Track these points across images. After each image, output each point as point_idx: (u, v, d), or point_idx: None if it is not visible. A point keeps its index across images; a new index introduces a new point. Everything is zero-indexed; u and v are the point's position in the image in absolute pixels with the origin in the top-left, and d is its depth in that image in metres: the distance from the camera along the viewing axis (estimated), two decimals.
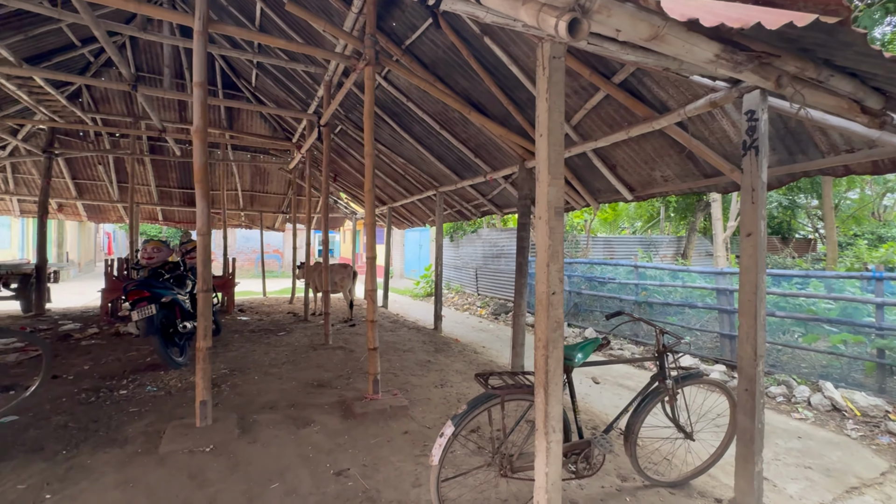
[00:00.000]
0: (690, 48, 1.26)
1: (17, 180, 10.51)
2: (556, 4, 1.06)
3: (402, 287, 17.05)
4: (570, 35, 1.07)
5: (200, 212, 3.51)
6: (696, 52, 1.30)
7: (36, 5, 4.52)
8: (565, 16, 1.05)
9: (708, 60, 1.38)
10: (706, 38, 1.28)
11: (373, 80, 4.18)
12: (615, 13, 1.09)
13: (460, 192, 8.15)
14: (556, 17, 1.06)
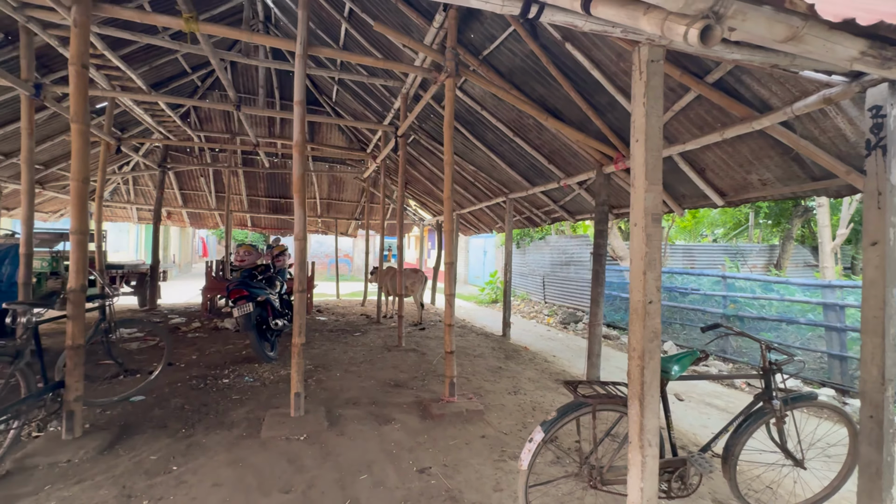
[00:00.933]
0: (832, 47, 1.19)
1: (136, 191, 12.10)
2: (687, 12, 1.06)
3: (467, 293, 17.16)
4: (702, 42, 1.06)
5: (298, 219, 3.83)
6: (836, 51, 1.22)
7: (164, 41, 5.23)
8: (697, 23, 1.04)
9: (850, 58, 1.29)
10: (850, 36, 1.19)
11: (453, 91, 4.32)
12: (750, 17, 1.06)
13: (531, 199, 8.09)
14: (687, 25, 1.06)
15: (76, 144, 3.32)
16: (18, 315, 3.06)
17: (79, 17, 3.26)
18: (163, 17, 3.63)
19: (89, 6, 3.32)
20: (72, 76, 3.27)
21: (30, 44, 5.10)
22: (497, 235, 17.11)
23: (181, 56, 7.77)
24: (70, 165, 9.24)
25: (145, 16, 3.61)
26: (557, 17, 1.99)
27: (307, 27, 3.93)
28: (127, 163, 11.12)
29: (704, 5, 1.03)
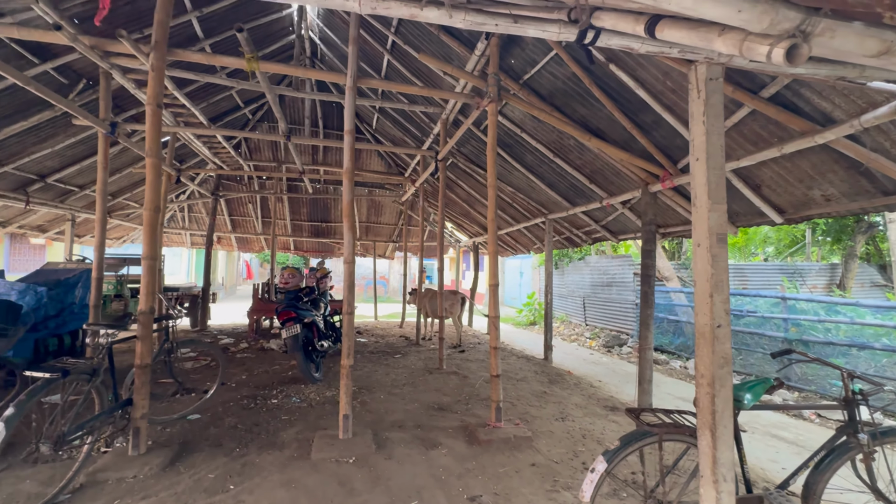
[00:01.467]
0: None
1: (190, 218, 12.87)
2: (772, 32, 1.04)
3: (504, 315, 16.93)
4: (788, 62, 1.04)
5: (347, 242, 3.95)
6: None
7: (223, 79, 5.65)
8: (783, 42, 1.03)
9: None
10: None
11: (496, 115, 4.39)
12: (840, 34, 1.03)
13: (571, 219, 7.99)
14: (770, 45, 1.05)
15: (150, 177, 3.60)
16: (95, 335, 3.29)
17: (156, 62, 3.58)
18: (228, 57, 3.93)
19: (164, 52, 3.64)
20: (148, 115, 3.57)
21: (108, 87, 5.63)
22: (534, 256, 16.92)
23: (235, 92, 8.33)
24: (135, 195, 9.93)
25: (212, 58, 3.92)
26: (614, 42, 2.01)
27: (356, 61, 4.14)
28: (184, 192, 11.90)
29: (791, 25, 1.01)
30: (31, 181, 7.36)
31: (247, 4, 6.17)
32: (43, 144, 6.67)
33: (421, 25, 5.27)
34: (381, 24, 5.90)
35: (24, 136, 6.30)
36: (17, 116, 5.82)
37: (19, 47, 4.83)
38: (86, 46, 3.60)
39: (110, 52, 3.96)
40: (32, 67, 5.18)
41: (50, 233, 9.65)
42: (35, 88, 4.24)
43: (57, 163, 7.38)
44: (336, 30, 7.23)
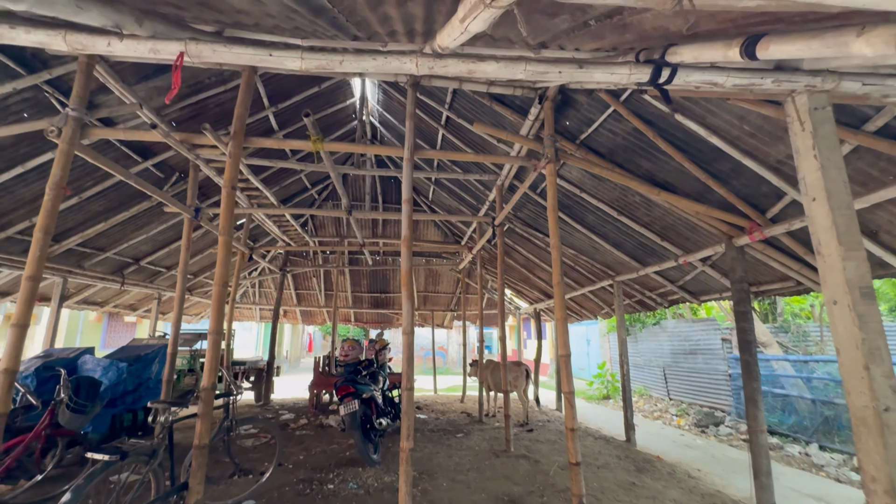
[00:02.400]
0: None
1: (260, 293, 13.62)
2: None
3: None
4: None
5: (406, 312, 3.78)
6: None
7: (293, 163, 6.13)
8: None
9: None
10: None
11: (554, 176, 4.26)
12: None
13: (642, 281, 7.39)
14: None
15: (221, 254, 3.75)
16: (159, 413, 3.26)
17: (233, 150, 3.91)
18: (296, 141, 4.22)
19: (241, 140, 3.98)
20: (223, 197, 3.82)
21: (195, 177, 6.30)
22: (602, 322, 15.84)
23: (304, 175, 9.05)
24: (213, 274, 10.65)
25: (282, 142, 4.23)
26: (694, 78, 1.82)
27: (413, 135, 4.28)
28: (255, 269, 12.73)
29: None
30: (127, 264, 8.18)
31: (316, 98, 6.84)
32: (139, 231, 7.47)
33: (474, 98, 5.46)
34: (435, 101, 6.22)
35: (126, 225, 7.10)
36: (121, 208, 6.60)
37: (127, 149, 5.58)
38: (176, 141, 4.04)
39: (196, 144, 4.42)
40: (136, 165, 5.93)
41: (139, 311, 10.54)
42: (137, 183, 4.78)
43: (149, 247, 8.19)
44: (394, 112, 7.76)
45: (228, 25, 3.23)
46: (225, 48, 2.75)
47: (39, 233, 3.50)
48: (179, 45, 2.63)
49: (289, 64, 2.86)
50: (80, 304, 8.66)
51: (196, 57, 2.73)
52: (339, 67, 2.84)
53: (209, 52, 2.74)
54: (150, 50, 2.63)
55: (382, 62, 2.72)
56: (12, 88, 3.98)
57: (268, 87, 6.00)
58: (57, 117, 3.72)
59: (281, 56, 2.84)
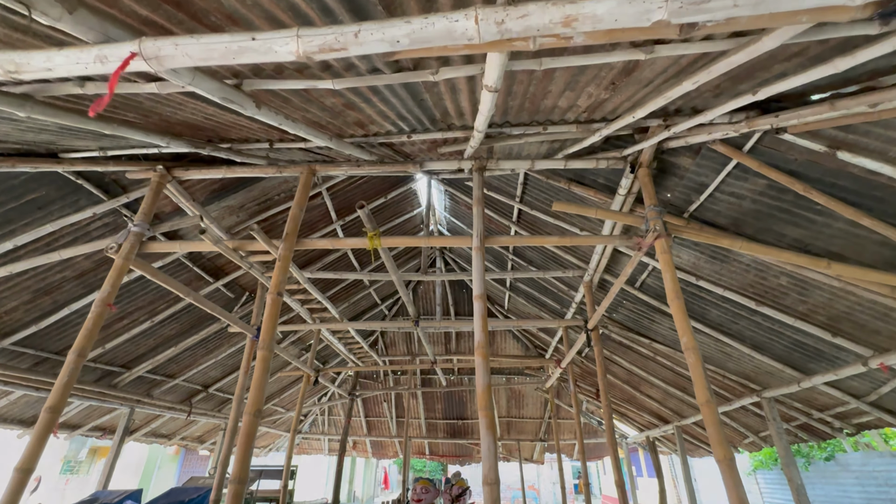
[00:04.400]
0: None
1: (329, 421, 12.71)
2: None
3: None
4: None
5: (487, 450, 2.68)
6: None
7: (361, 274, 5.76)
8: None
9: None
10: None
11: (668, 251, 3.28)
12: None
13: (805, 397, 5.47)
14: None
15: (258, 372, 3.09)
16: None
17: (283, 252, 3.51)
18: (351, 239, 3.79)
19: (293, 242, 3.60)
20: (267, 304, 3.31)
21: (262, 297, 6.13)
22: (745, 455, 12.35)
23: (374, 290, 8.75)
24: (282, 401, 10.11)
25: (336, 241, 3.81)
26: None
27: (482, 221, 3.66)
28: (325, 394, 12.06)
29: None
30: (196, 392, 7.92)
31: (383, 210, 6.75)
32: (209, 356, 7.29)
33: (548, 185, 4.87)
34: (504, 195, 5.75)
35: (195, 349, 6.97)
36: (192, 331, 6.51)
37: (200, 269, 5.59)
38: (228, 248, 3.80)
39: (252, 251, 4.17)
40: (207, 286, 5.90)
41: (206, 443, 10.03)
42: (203, 304, 4.55)
43: (218, 372, 7.95)
44: (461, 217, 7.44)
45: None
46: (193, 40, 1.71)
47: (73, 355, 3.14)
48: (132, 46, 1.80)
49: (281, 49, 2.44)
50: (148, 437, 8.36)
51: (153, 58, 1.73)
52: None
53: (170, 48, 1.86)
54: (95, 58, 1.92)
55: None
56: (92, 213, 4.10)
57: (334, 199, 5.97)
58: (118, 234, 3.65)
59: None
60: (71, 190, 3.93)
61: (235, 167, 3.99)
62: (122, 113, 2.73)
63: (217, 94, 2.11)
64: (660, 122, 3.10)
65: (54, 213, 4.00)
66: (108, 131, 2.57)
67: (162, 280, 3.93)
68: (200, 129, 3.14)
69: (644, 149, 3.49)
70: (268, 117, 2.53)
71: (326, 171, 3.98)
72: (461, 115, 3.06)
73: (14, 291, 4.38)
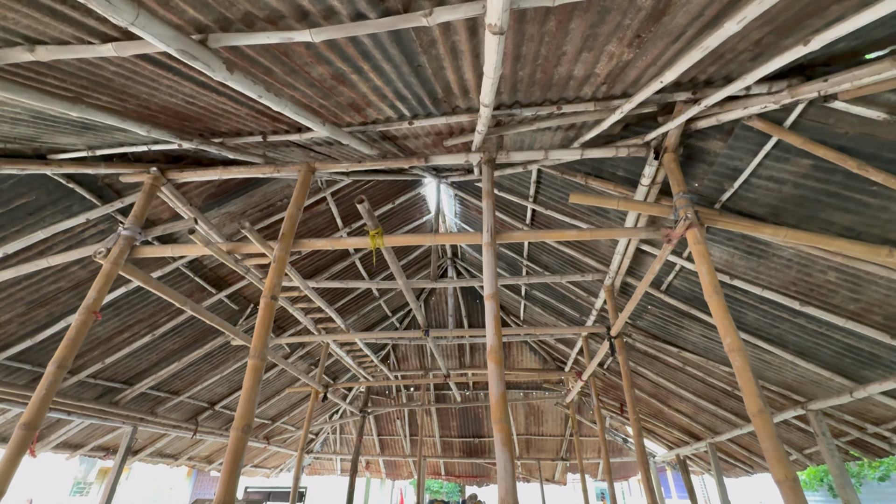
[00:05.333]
0: None
1: (341, 440, 12.31)
2: None
3: None
4: None
5: (504, 469, 2.33)
6: None
7: (371, 282, 5.49)
8: None
9: None
10: None
11: (703, 242, 2.92)
12: None
13: (858, 408, 4.94)
14: None
15: (248, 382, 2.81)
16: None
17: (278, 253, 3.26)
18: (350, 239, 3.53)
19: (289, 244, 3.36)
20: (261, 308, 3.05)
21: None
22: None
23: (383, 302, 8.46)
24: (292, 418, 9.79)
25: (336, 241, 3.56)
26: None
27: (493, 216, 3.36)
28: (336, 411, 11.70)
29: None
30: (202, 409, 7.67)
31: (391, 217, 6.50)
32: (214, 371, 7.05)
33: (563, 182, 4.56)
34: (516, 195, 5.45)
35: (200, 365, 6.74)
36: (195, 346, 6.29)
37: (202, 280, 5.39)
38: (222, 251, 3.57)
39: (249, 254, 3.93)
40: (210, 297, 5.70)
41: (215, 464, 9.73)
42: (206, 317, 4.33)
43: (224, 388, 7.70)
44: (472, 222, 7.14)
45: None
46: None
47: (53, 366, 2.90)
48: None
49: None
50: (153, 457, 8.10)
51: None
52: None
53: None
54: None
55: None
56: (85, 219, 3.93)
57: (340, 205, 5.75)
58: (107, 239, 3.45)
59: None
60: (63, 195, 3.77)
61: (231, 167, 3.80)
62: (93, 95, 2.51)
63: (173, 44, 1.88)
64: (688, 95, 2.78)
65: (46, 220, 3.85)
66: (75, 113, 2.37)
67: (155, 287, 3.72)
68: (186, 119, 2.94)
69: (669, 131, 3.17)
70: (244, 85, 2.28)
71: (326, 168, 3.76)
72: (465, 91, 2.79)
73: (7, 303, 4.21)
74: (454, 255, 8.80)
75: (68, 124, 2.78)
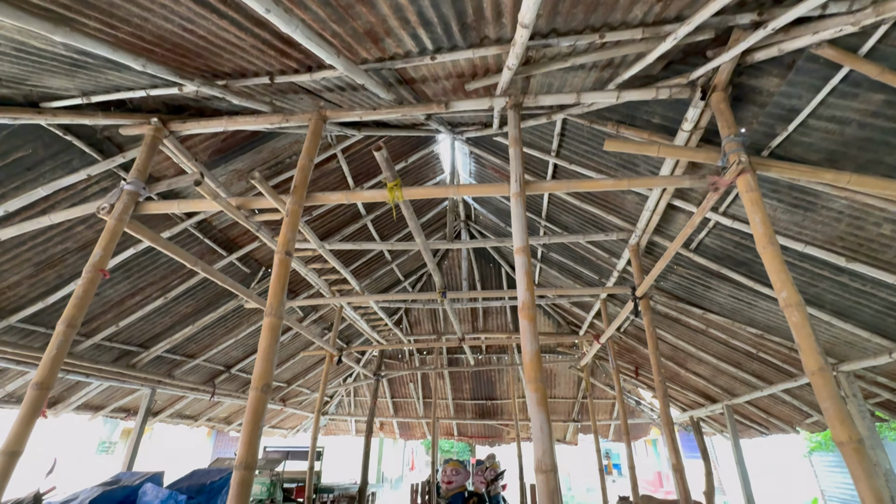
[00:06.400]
0: None
1: (355, 403, 12.54)
2: None
3: None
4: None
5: (539, 430, 2.18)
6: None
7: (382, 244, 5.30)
8: None
9: None
10: None
11: (756, 188, 2.65)
12: None
13: (892, 370, 4.75)
14: None
15: (264, 341, 2.67)
16: None
17: (291, 207, 3.05)
18: (368, 191, 3.32)
19: (302, 197, 3.14)
20: (275, 264, 2.87)
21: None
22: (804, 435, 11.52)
23: (396, 266, 8.31)
24: (307, 381, 9.88)
25: (351, 195, 3.33)
26: None
27: (521, 165, 3.09)
28: (350, 374, 11.85)
29: None
30: (219, 372, 7.72)
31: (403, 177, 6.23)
32: (229, 335, 7.03)
33: (591, 133, 4.24)
34: (538, 150, 5.14)
35: (215, 328, 6.70)
36: (209, 309, 6.22)
37: (211, 241, 5.23)
38: (231, 206, 3.36)
39: (260, 209, 3.74)
40: (221, 259, 5.56)
41: (233, 425, 9.95)
42: (218, 278, 4.18)
43: (240, 352, 7.72)
44: (488, 181, 6.85)
45: None
46: None
47: (62, 325, 2.78)
48: None
49: None
50: (173, 418, 8.26)
51: None
52: None
53: None
54: None
55: None
56: (86, 175, 3.73)
57: (351, 163, 5.49)
58: (111, 193, 3.25)
59: None
60: (61, 148, 3.55)
61: (237, 118, 3.54)
62: (79, 19, 2.22)
63: None
64: (753, 17, 2.44)
65: (46, 176, 3.65)
66: (59, 37, 2.10)
67: (163, 246, 3.55)
68: (185, 55, 2.67)
69: (721, 65, 2.83)
70: None
71: (338, 116, 3.47)
72: (499, 14, 2.46)
73: (14, 264, 4.09)
74: (468, 218, 8.55)
75: (56, 60, 2.53)
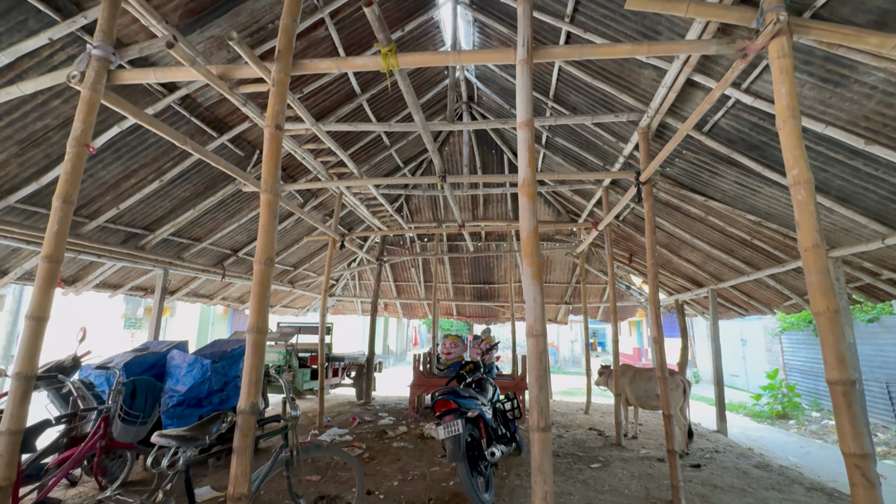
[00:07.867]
0: None
1: (360, 286, 13.25)
2: None
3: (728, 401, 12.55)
4: None
5: (532, 300, 2.29)
6: None
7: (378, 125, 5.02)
8: None
9: None
10: None
11: (790, 55, 2.39)
12: None
13: (879, 255, 4.87)
14: None
15: (263, 217, 2.68)
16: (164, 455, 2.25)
17: (277, 75, 2.80)
18: (359, 59, 3.01)
19: (288, 65, 2.85)
20: (265, 139, 2.74)
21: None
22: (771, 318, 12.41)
23: (394, 152, 8.04)
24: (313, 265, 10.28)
25: (342, 62, 3.03)
26: None
27: (530, 24, 2.75)
28: (354, 259, 12.31)
29: None
30: (227, 255, 7.99)
31: (399, 48, 5.66)
32: (231, 220, 7.10)
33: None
34: (548, 14, 4.58)
35: (216, 213, 6.74)
36: (207, 193, 6.18)
37: (199, 121, 4.96)
38: (212, 75, 3.09)
39: (243, 80, 3.46)
40: (212, 141, 5.34)
41: (246, 304, 10.64)
42: (212, 159, 4.04)
43: (245, 237, 7.89)
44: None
45: None
46: None
47: (58, 201, 2.75)
48: None
49: None
50: (190, 297, 8.80)
51: None
52: None
53: None
54: None
55: None
56: (48, 38, 3.37)
57: (341, 32, 4.95)
58: (78, 59, 2.97)
59: None
60: (11, 5, 3.15)
61: None
62: None
63: None
64: None
65: (3, 39, 3.29)
66: None
67: (146, 122, 3.36)
68: None
69: None
70: None
71: None
72: None
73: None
74: (470, 99, 8.03)
75: None
